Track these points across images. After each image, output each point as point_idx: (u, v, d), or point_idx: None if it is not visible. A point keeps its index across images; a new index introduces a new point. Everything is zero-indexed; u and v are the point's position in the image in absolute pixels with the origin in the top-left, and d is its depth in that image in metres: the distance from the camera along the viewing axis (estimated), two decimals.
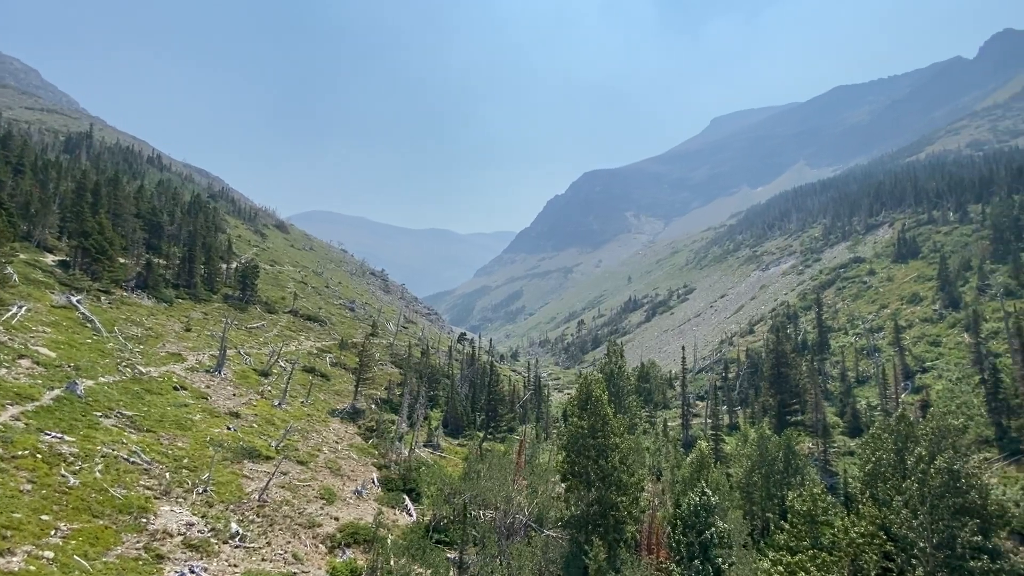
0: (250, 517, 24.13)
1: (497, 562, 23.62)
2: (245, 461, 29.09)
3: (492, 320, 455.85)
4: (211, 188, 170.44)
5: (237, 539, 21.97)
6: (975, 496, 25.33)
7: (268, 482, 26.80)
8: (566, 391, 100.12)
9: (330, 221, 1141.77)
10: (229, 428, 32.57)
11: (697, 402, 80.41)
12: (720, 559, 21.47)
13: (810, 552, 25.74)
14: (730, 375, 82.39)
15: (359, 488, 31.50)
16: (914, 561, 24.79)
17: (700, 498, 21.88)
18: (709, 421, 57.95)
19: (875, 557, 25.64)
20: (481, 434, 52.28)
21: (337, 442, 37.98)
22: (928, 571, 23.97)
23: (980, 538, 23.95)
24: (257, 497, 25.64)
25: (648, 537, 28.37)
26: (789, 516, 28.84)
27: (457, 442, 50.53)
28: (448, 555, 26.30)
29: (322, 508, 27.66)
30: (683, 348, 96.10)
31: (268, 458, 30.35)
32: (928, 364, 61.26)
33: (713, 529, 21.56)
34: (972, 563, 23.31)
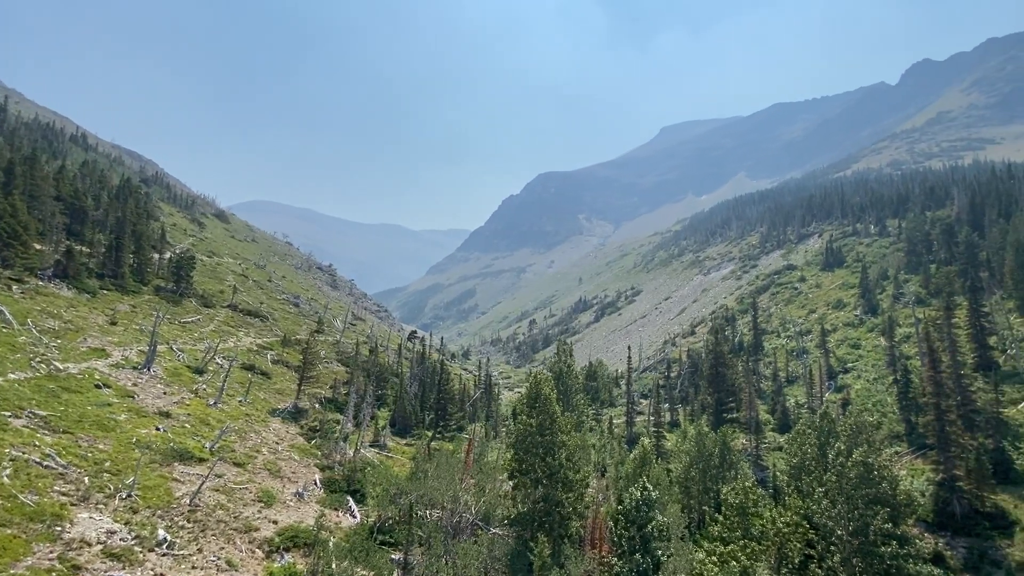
0: (180, 523, 22.80)
1: (443, 562, 23.52)
2: (175, 464, 27.44)
3: (444, 318, 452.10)
4: (143, 172, 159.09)
5: (164, 546, 20.71)
6: (886, 487, 27.67)
7: (201, 485, 25.41)
8: (516, 390, 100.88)
9: (275, 212, 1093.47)
10: (158, 429, 30.60)
11: (641, 400, 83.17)
12: (659, 551, 22.37)
13: (741, 542, 27.27)
14: (672, 374, 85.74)
15: (300, 490, 30.45)
16: (832, 548, 26.78)
17: (641, 493, 22.72)
18: (652, 419, 60.07)
19: (799, 545, 27.52)
20: (430, 433, 51.80)
21: (277, 443, 36.52)
22: (844, 556, 25.97)
23: (890, 525, 26.20)
24: (188, 501, 24.25)
25: (592, 532, 29.12)
26: (723, 508, 30.43)
27: (405, 442, 49.80)
28: (393, 556, 25.92)
29: (260, 511, 26.53)
30: (629, 348, 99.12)
31: (202, 460, 28.77)
32: (849, 365, 66.27)
33: (653, 523, 22.44)
34: (883, 548, 25.46)
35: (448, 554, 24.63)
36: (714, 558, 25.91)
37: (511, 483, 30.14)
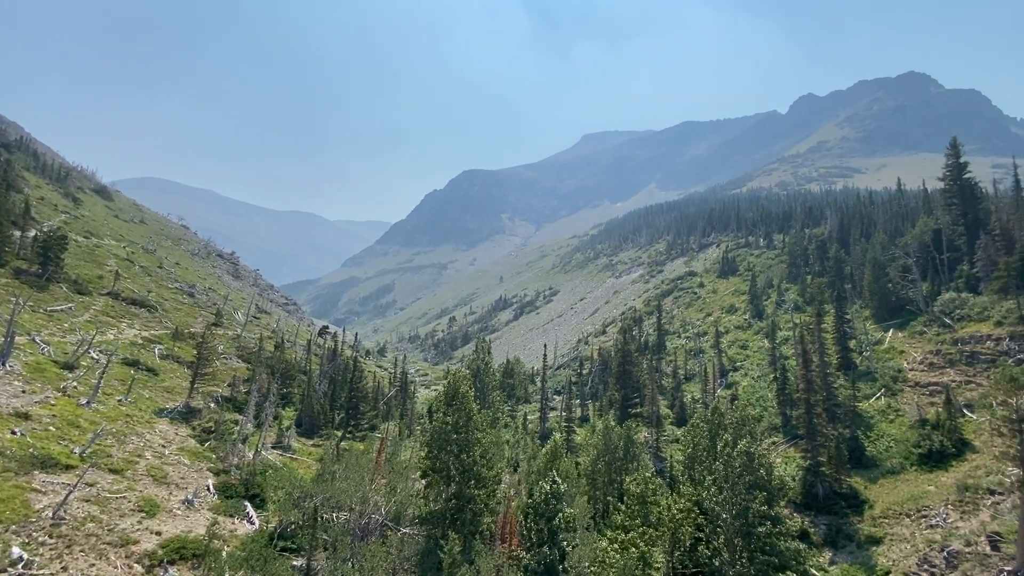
0: (40, 539, 20.04)
1: (348, 565, 22.78)
2: (35, 472, 24.05)
3: (360, 314, 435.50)
4: (4, 135, 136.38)
5: (20, 566, 18.12)
6: (763, 473, 30.99)
7: (67, 496, 22.49)
8: (434, 387, 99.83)
9: (169, 191, 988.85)
10: (15, 432, 26.61)
11: (555, 396, 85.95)
12: (566, 542, 23.33)
13: (640, 529, 29.23)
14: (584, 372, 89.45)
15: (189, 497, 27.96)
16: (718, 530, 29.50)
17: (550, 487, 23.56)
18: (564, 414, 62.33)
19: (690, 529, 30.01)
20: (339, 433, 49.80)
21: (164, 446, 33.21)
22: (727, 537, 28.74)
23: (766, 508, 29.37)
24: (51, 514, 21.36)
25: (503, 527, 29.65)
26: (625, 498, 32.39)
27: (312, 442, 47.43)
28: (294, 563, 24.67)
29: (140, 522, 24.01)
30: (545, 346, 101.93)
31: (69, 467, 25.45)
32: (738, 364, 73.19)
33: (561, 515, 23.36)
34: (759, 528, 28.50)
35: (354, 557, 23.90)
36: (615, 545, 27.53)
37: (424, 481, 29.87)
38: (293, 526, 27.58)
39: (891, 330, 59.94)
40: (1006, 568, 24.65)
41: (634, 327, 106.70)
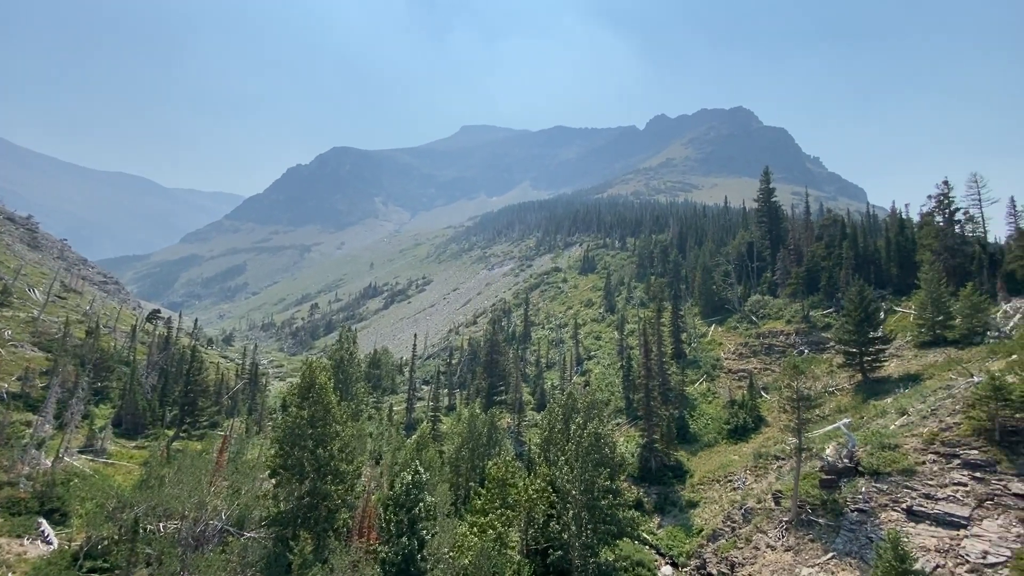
0: None
1: None
2: None
3: (202, 297, 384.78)
4: None
5: None
6: (608, 451, 34.54)
7: None
8: (290, 379, 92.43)
9: None
10: None
11: (423, 386, 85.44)
12: (425, 531, 23.47)
13: (499, 511, 30.60)
14: (454, 361, 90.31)
15: None
16: (568, 505, 32.18)
17: (412, 477, 23.48)
18: (431, 404, 62.34)
19: (544, 507, 32.25)
20: (171, 432, 43.78)
21: None
22: (576, 512, 31.50)
23: (609, 482, 32.80)
24: None
25: (361, 521, 28.81)
26: (486, 483, 33.60)
27: (135, 444, 41.05)
28: None
29: None
30: (415, 336, 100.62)
31: None
32: (593, 353, 80.00)
33: (421, 504, 23.43)
34: (603, 502, 31.74)
35: (186, 570, 21.37)
36: (475, 529, 28.49)
37: (274, 481, 27.70)
38: (106, 542, 23.70)
39: (713, 325, 70.49)
40: (784, 519, 30.78)
41: (503, 318, 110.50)
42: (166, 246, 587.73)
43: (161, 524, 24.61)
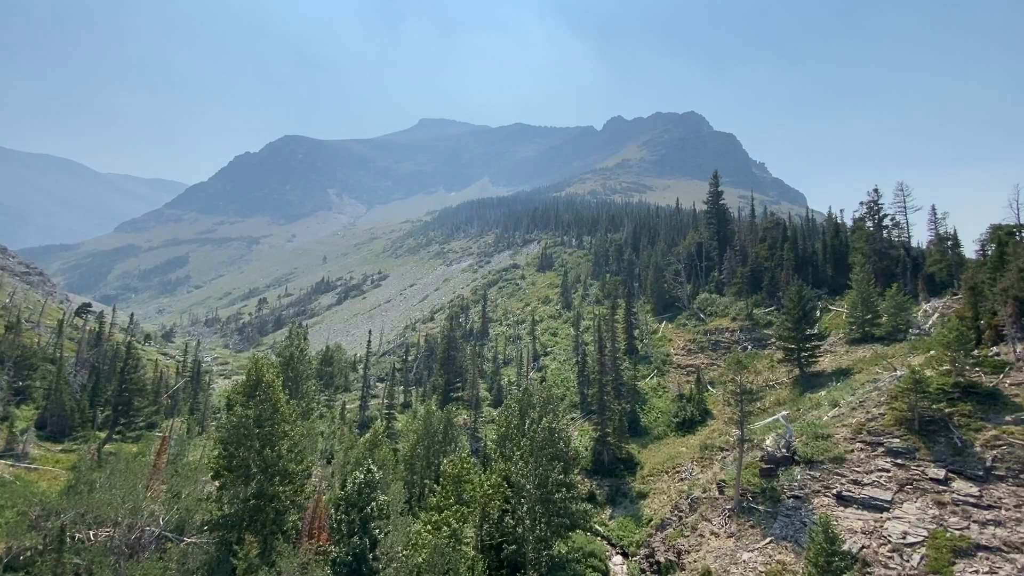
0: None
1: None
2: None
3: (139, 290, 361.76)
4: None
5: None
6: (562, 446, 35.11)
7: None
8: (236, 377, 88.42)
9: None
10: None
11: (378, 384, 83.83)
12: (378, 530, 23.09)
13: (454, 508, 30.50)
14: (410, 358, 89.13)
15: None
16: (522, 500, 32.48)
17: (365, 475, 23.00)
18: (386, 401, 61.28)
19: (499, 502, 32.41)
20: (103, 434, 40.98)
21: None
22: (530, 506, 31.84)
23: (563, 476, 33.35)
24: None
25: (311, 523, 27.99)
26: (441, 480, 33.41)
27: (61, 448, 38.21)
28: None
29: None
30: (370, 332, 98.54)
31: None
32: (549, 349, 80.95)
33: (374, 503, 23.01)
34: (556, 495, 32.24)
35: None
36: (429, 526, 28.28)
37: (217, 483, 26.47)
38: (29, 553, 21.94)
39: (664, 322, 72.87)
40: (727, 507, 32.29)
41: (461, 314, 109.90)
42: (98, 235, 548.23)
43: (91, 532, 23.01)
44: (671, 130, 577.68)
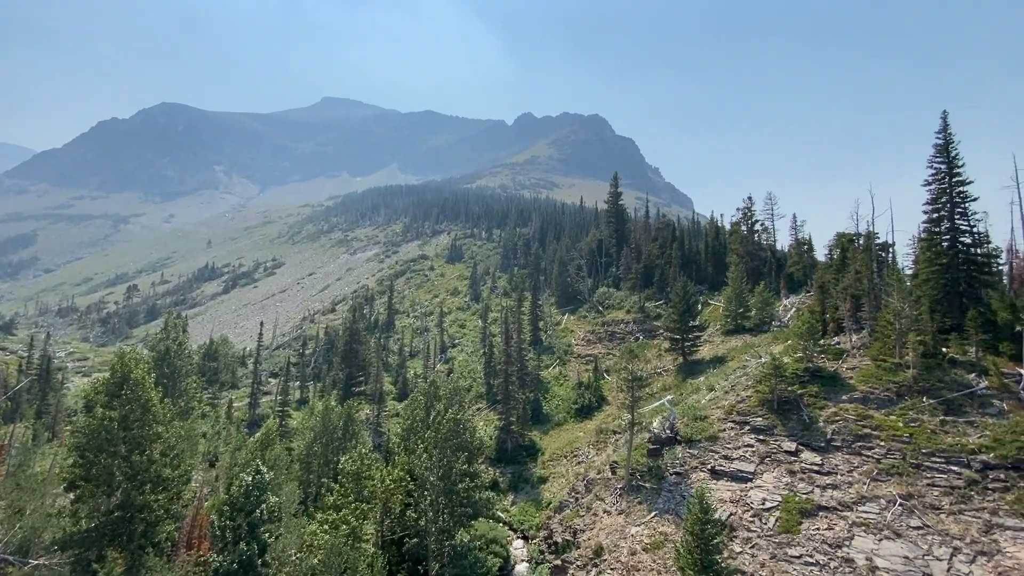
0: None
1: None
2: None
3: None
4: None
5: None
6: (467, 436, 35.44)
7: None
8: (97, 374, 77.46)
9: None
10: None
11: (271, 379, 78.29)
12: (268, 534, 21.72)
13: (353, 505, 29.53)
14: (308, 351, 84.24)
15: None
16: (426, 492, 32.32)
17: (253, 477, 21.46)
18: (279, 398, 57.46)
19: (401, 496, 31.95)
20: None
21: None
22: (433, 498, 31.80)
23: (467, 466, 33.67)
24: None
25: (190, 532, 25.57)
26: (339, 477, 32.16)
27: None
28: None
29: None
30: (262, 324, 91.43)
31: None
32: (457, 341, 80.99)
33: (264, 506, 21.59)
34: (460, 485, 32.51)
35: None
36: (326, 526, 27.14)
37: (72, 495, 23.18)
38: None
39: (567, 314, 76.14)
40: (619, 486, 34.75)
41: (365, 305, 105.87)
42: None
43: None
44: (577, 131, 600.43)
